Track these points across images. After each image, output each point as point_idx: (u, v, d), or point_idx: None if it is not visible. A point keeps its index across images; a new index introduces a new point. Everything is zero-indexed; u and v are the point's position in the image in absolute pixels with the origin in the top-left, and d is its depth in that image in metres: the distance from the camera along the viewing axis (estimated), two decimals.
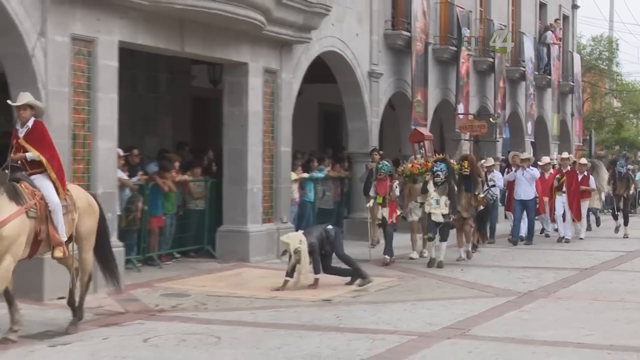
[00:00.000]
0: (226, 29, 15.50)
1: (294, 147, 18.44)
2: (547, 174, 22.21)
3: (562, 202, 21.55)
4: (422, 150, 20.86)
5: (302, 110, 19.77)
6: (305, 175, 19.87)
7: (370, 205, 16.86)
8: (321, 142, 26.81)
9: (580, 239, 21.98)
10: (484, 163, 20.25)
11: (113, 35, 13.45)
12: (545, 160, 23.24)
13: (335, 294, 13.06)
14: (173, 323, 10.86)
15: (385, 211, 16.49)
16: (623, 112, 53.70)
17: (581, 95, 39.32)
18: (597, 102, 52.02)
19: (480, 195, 17.71)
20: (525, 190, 20.87)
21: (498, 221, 22.33)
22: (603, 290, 13.85)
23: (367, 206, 17.10)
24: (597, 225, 24.49)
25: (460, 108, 25.22)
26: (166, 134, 19.81)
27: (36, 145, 9.81)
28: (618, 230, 23.01)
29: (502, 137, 28.72)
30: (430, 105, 23.94)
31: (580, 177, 21.97)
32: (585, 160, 23.04)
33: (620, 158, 25.55)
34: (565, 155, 23.25)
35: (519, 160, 21.47)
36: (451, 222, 16.66)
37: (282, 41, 17.32)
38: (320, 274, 13.52)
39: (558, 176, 21.77)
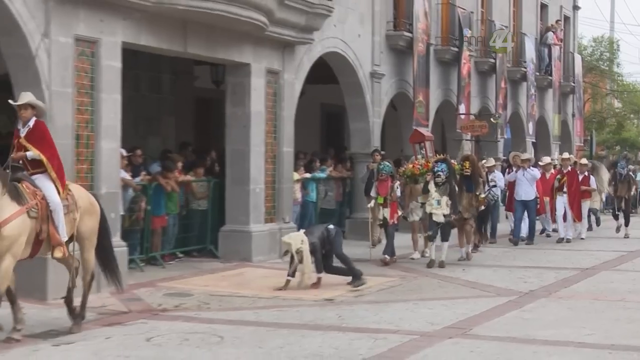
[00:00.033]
0: (229, 29, 15.52)
1: (296, 147, 18.46)
2: (548, 174, 22.24)
3: (562, 203, 21.55)
4: (423, 151, 20.87)
5: (304, 111, 19.77)
6: (308, 175, 19.91)
7: (372, 206, 16.89)
8: (323, 142, 26.81)
9: (582, 239, 21.99)
10: (485, 163, 20.26)
11: (116, 36, 13.47)
12: (546, 161, 23.28)
13: (337, 294, 13.09)
14: (176, 322, 10.89)
15: (387, 212, 16.50)
16: (624, 112, 53.71)
17: (582, 95, 39.32)
18: (598, 103, 52.02)
19: (482, 196, 17.73)
20: (526, 190, 20.88)
21: (500, 221, 22.35)
22: (604, 290, 13.87)
23: (368, 206, 17.13)
24: (597, 225, 24.48)
25: (462, 108, 25.23)
26: (169, 135, 19.84)
27: (37, 144, 9.83)
28: (619, 230, 23.01)
29: (504, 137, 28.75)
30: (431, 105, 23.97)
31: (581, 178, 21.96)
32: (585, 161, 23.05)
33: (621, 159, 25.54)
34: (566, 155, 23.25)
35: (520, 161, 21.50)
36: (452, 221, 16.65)
37: (284, 42, 17.35)
38: (322, 273, 13.55)
39: (559, 177, 21.77)
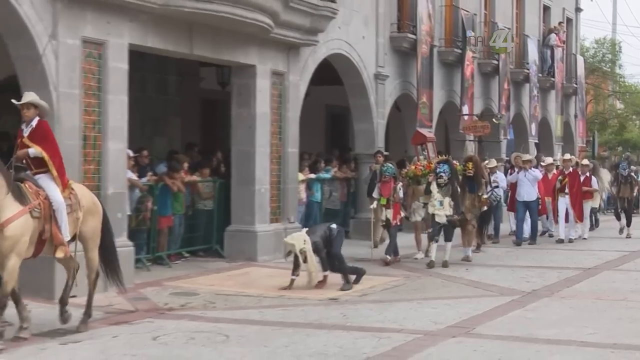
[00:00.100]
0: (234, 31, 15.58)
1: (301, 148, 18.51)
2: (550, 175, 22.27)
3: (564, 204, 21.52)
4: (425, 152, 20.95)
5: (309, 112, 19.84)
6: (312, 175, 19.96)
7: (374, 207, 16.93)
8: (328, 143, 26.84)
9: (584, 239, 22.00)
10: (487, 164, 20.26)
11: (123, 38, 13.53)
12: (548, 161, 23.32)
13: (342, 293, 13.13)
14: (182, 321, 10.93)
15: (390, 212, 16.55)
16: (626, 113, 53.70)
17: (584, 97, 39.31)
18: (600, 104, 52.00)
19: (484, 197, 17.77)
20: (527, 191, 20.92)
21: (502, 221, 22.41)
22: (606, 290, 13.89)
23: (371, 208, 17.19)
24: (596, 226, 24.46)
25: (465, 109, 25.24)
26: (175, 135, 19.88)
27: (40, 143, 9.86)
28: (622, 231, 22.98)
29: (506, 138, 28.78)
30: (435, 106, 24.02)
31: (583, 179, 21.98)
32: (587, 161, 23.09)
33: (623, 161, 25.55)
34: (567, 156, 23.21)
35: (521, 162, 21.54)
36: (454, 220, 16.61)
37: (289, 44, 17.41)
38: (328, 272, 13.59)
39: (560, 178, 21.77)
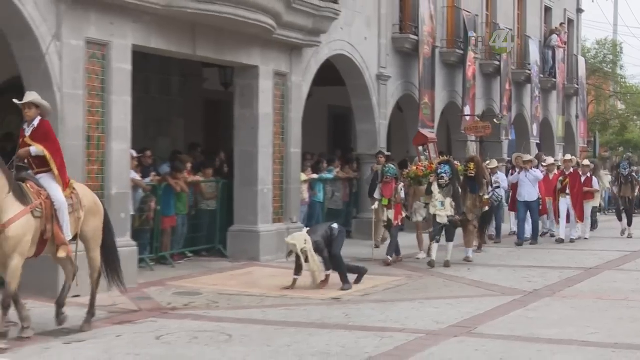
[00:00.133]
0: (237, 32, 15.63)
1: (303, 148, 18.57)
2: (552, 175, 22.30)
3: (566, 204, 21.53)
4: (427, 153, 20.97)
5: (311, 113, 19.88)
6: (315, 176, 20.02)
7: (376, 208, 16.96)
8: (330, 143, 26.88)
9: (585, 239, 22.04)
10: (488, 165, 20.31)
11: (127, 39, 13.59)
12: (549, 161, 23.36)
13: (344, 293, 13.16)
14: (185, 321, 10.95)
15: (391, 213, 16.59)
16: (627, 114, 53.71)
17: (586, 97, 39.33)
18: (602, 105, 52.01)
19: (485, 197, 17.80)
20: (528, 191, 20.96)
21: (504, 221, 22.46)
22: (607, 290, 13.91)
23: (372, 208, 17.22)
24: (595, 228, 24.43)
25: (467, 110, 25.26)
26: (178, 136, 19.93)
27: (41, 142, 9.88)
28: (624, 232, 22.95)
29: (508, 138, 28.81)
30: (437, 107, 24.06)
31: (584, 179, 22.01)
32: (588, 162, 23.11)
33: (623, 160, 25.56)
34: (568, 157, 23.22)
35: (522, 162, 21.57)
36: (455, 220, 16.61)
37: (292, 45, 17.46)
38: (330, 271, 13.60)
39: (561, 178, 21.77)
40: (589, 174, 22.27)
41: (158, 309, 11.83)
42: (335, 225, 14.03)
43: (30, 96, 10.10)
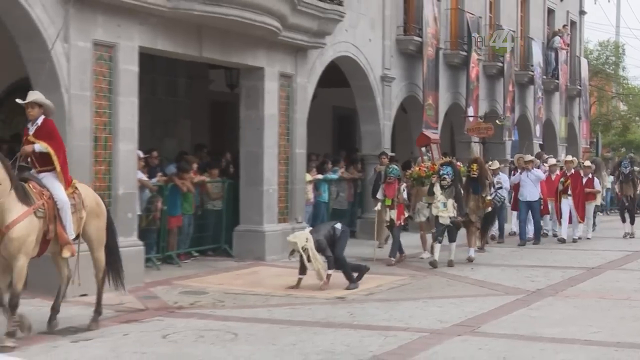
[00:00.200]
0: (243, 34, 15.68)
1: (308, 149, 18.58)
2: (554, 176, 22.32)
3: (568, 205, 21.55)
4: (430, 154, 21.04)
5: (316, 114, 19.93)
6: (320, 176, 20.07)
7: (378, 208, 16.98)
8: (335, 144, 26.95)
9: (588, 239, 22.05)
10: (490, 166, 20.29)
11: (133, 41, 13.65)
12: (551, 162, 23.41)
13: (349, 292, 13.21)
14: (191, 320, 11.00)
15: (394, 213, 16.61)
16: (629, 115, 53.63)
17: (588, 98, 39.30)
18: (604, 106, 51.93)
19: (488, 198, 17.83)
20: (530, 191, 20.97)
21: (507, 221, 22.51)
22: (610, 289, 13.92)
23: (375, 209, 17.27)
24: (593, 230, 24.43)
25: (470, 111, 25.25)
26: (185, 137, 20.00)
27: (45, 140, 9.91)
28: (627, 236, 22.83)
29: (511, 139, 28.83)
30: (441, 108, 24.10)
31: (585, 180, 22.00)
32: (589, 163, 23.13)
33: (624, 159, 25.54)
34: (569, 158, 23.20)
35: (524, 163, 21.62)
36: (457, 221, 16.64)
37: (297, 46, 17.51)
38: (332, 270, 13.59)
39: (562, 179, 21.77)
40: (590, 175, 22.29)
41: (164, 307, 11.87)
42: (338, 225, 14.02)
43: (33, 95, 10.14)
